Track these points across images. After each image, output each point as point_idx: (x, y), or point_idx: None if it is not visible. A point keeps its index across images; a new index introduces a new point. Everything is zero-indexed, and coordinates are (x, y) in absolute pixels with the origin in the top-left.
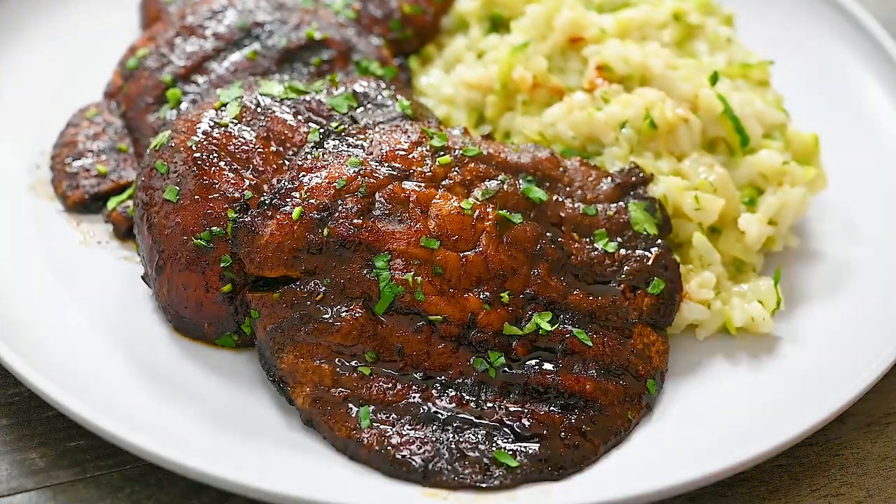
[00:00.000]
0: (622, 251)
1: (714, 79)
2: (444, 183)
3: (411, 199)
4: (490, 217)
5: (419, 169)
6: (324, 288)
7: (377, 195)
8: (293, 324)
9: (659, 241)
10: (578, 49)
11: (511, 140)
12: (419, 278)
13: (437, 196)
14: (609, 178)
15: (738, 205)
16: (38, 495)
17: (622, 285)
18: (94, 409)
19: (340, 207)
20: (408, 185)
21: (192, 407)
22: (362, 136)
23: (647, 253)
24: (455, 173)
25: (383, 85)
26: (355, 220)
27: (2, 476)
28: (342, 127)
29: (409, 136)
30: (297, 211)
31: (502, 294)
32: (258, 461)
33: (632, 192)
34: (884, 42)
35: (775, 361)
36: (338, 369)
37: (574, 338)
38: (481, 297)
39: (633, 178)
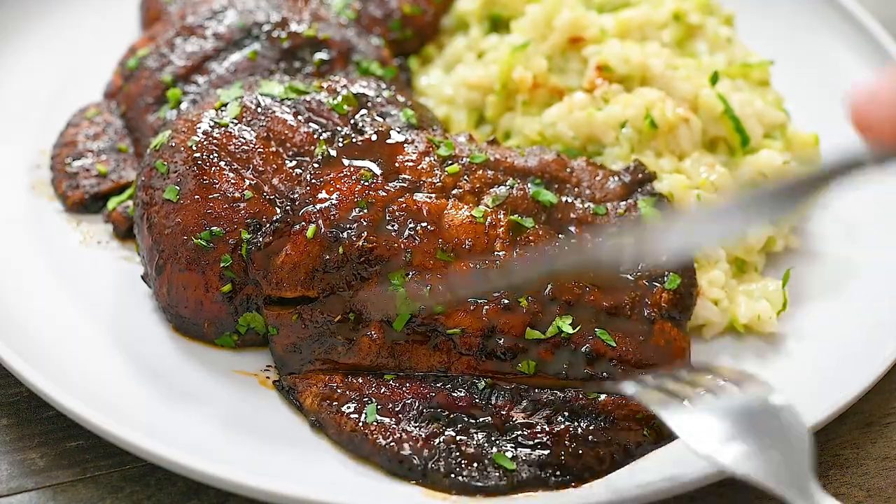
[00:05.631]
0: None
1: (714, 79)
2: (453, 192)
3: (423, 210)
4: (502, 223)
5: (429, 179)
6: (341, 315)
7: (389, 209)
8: (311, 346)
9: None
10: (578, 49)
11: (513, 141)
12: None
13: (449, 206)
14: (616, 177)
15: None
16: (37, 495)
17: (638, 282)
18: (94, 409)
19: (354, 224)
20: (419, 196)
21: (192, 407)
22: (369, 149)
23: None
24: (464, 181)
25: (384, 86)
26: (370, 237)
27: (2, 476)
28: (348, 139)
29: (415, 147)
30: (311, 229)
31: (520, 299)
32: (258, 461)
33: (639, 189)
34: (884, 42)
35: (775, 362)
36: (348, 378)
37: (598, 339)
38: (500, 303)
39: (640, 175)
